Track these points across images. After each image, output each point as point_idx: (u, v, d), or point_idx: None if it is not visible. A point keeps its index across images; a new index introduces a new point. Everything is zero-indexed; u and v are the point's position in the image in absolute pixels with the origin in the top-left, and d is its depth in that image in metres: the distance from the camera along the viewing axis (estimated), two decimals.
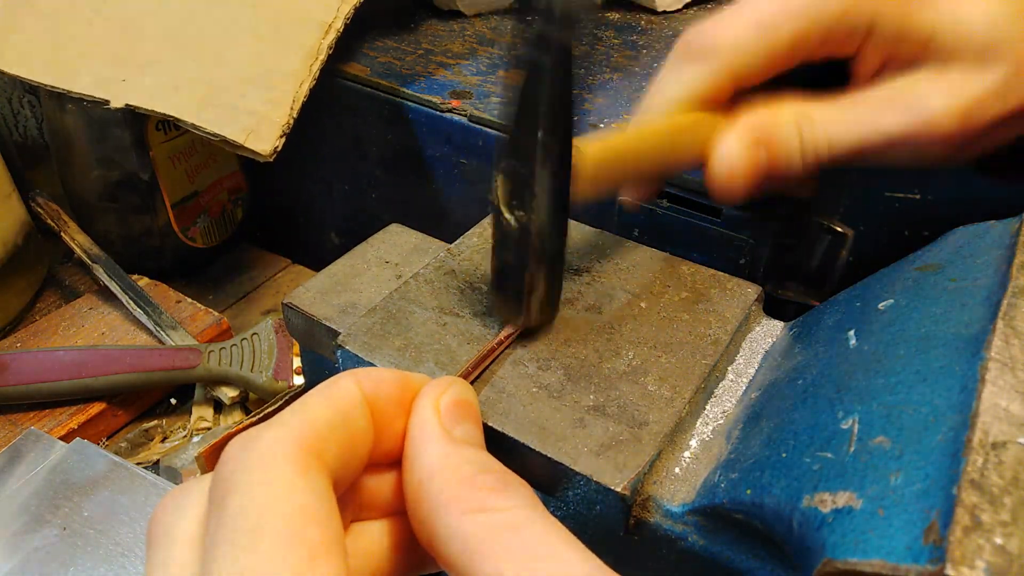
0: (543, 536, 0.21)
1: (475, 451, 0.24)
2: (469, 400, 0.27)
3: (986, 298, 0.30)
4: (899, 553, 0.22)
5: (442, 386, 0.26)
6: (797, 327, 0.40)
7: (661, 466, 0.34)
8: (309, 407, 0.23)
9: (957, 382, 0.26)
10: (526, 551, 0.21)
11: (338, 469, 0.22)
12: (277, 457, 0.20)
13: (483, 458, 0.24)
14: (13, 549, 0.46)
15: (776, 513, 0.27)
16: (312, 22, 0.63)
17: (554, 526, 0.22)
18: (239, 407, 0.64)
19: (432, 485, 0.23)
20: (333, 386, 0.24)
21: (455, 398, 0.26)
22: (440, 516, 0.22)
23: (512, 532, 0.21)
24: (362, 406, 0.24)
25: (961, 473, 0.23)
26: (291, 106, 0.59)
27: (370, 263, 0.48)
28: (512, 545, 0.21)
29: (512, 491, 0.23)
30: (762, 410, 0.34)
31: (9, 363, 0.60)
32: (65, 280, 0.78)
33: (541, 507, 0.23)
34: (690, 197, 0.49)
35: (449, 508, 0.22)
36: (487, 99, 0.60)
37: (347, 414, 0.23)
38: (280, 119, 0.58)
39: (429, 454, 0.24)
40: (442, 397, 0.26)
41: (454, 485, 0.23)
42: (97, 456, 0.51)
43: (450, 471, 0.23)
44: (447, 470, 0.23)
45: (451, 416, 0.25)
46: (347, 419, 0.23)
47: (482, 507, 0.22)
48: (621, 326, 0.40)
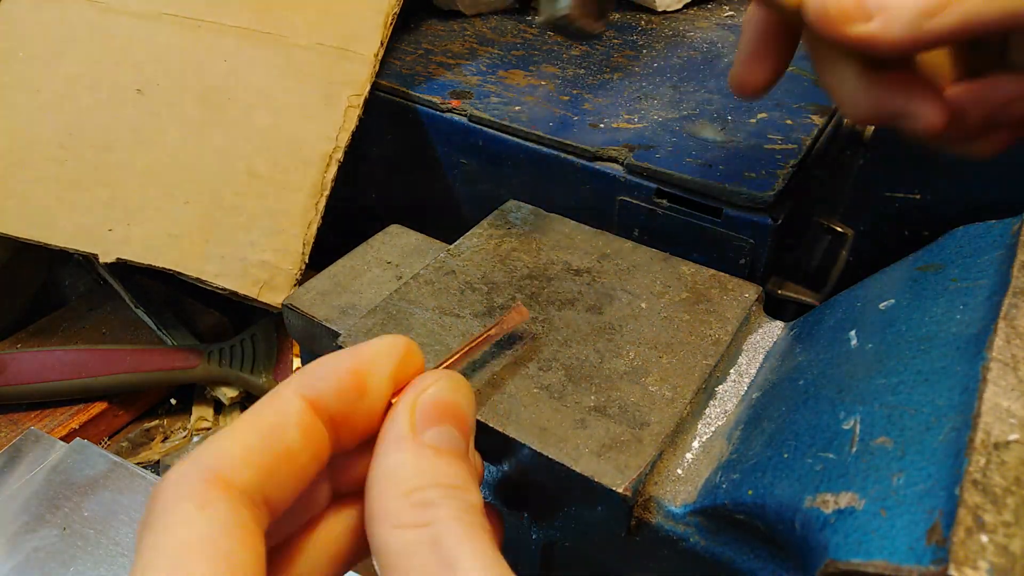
0: (459, 554, 0.21)
1: (436, 461, 0.24)
2: (450, 400, 0.26)
3: (987, 298, 0.30)
4: (902, 554, 0.22)
5: (426, 383, 0.26)
6: (798, 327, 0.40)
7: (662, 467, 0.34)
8: (231, 431, 0.23)
9: (959, 382, 0.26)
10: (438, 568, 0.21)
11: (265, 488, 0.22)
12: (179, 495, 0.21)
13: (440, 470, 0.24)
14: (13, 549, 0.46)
15: (778, 514, 0.27)
16: (312, 154, 0.59)
17: (472, 543, 0.22)
18: (239, 407, 0.64)
19: (373, 493, 0.24)
20: (269, 399, 0.24)
21: (435, 399, 0.26)
22: (372, 526, 0.23)
23: (427, 549, 0.22)
24: (299, 415, 0.24)
25: (963, 473, 0.23)
26: (302, 252, 0.56)
27: (370, 264, 0.48)
28: (423, 564, 0.21)
29: (443, 504, 0.23)
30: (763, 411, 0.34)
31: (9, 363, 0.60)
32: (65, 280, 0.77)
33: (472, 520, 0.23)
34: (690, 197, 0.49)
35: (380, 519, 0.23)
36: (487, 99, 0.60)
37: (274, 431, 0.23)
38: (292, 268, 0.55)
39: (383, 460, 0.24)
40: (421, 396, 0.26)
41: (390, 497, 0.23)
42: (97, 456, 0.51)
43: (392, 481, 0.24)
44: (390, 479, 0.24)
45: (426, 418, 0.25)
46: (273, 436, 0.23)
47: (405, 522, 0.22)
48: (622, 326, 0.40)
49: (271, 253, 0.56)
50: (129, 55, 0.61)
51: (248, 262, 0.55)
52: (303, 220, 0.57)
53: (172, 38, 0.62)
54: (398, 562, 0.22)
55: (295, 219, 0.57)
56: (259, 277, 0.55)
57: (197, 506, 0.21)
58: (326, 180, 0.59)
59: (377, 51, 0.63)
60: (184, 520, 0.21)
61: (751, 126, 0.54)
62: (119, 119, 0.59)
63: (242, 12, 0.64)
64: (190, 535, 0.20)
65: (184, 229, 0.56)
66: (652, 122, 0.56)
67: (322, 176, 0.59)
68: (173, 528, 0.20)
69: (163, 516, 0.21)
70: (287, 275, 0.55)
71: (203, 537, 0.20)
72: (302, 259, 0.56)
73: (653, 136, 0.54)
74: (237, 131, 0.60)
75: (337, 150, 0.60)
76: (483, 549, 0.22)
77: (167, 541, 0.20)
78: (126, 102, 0.60)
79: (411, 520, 0.22)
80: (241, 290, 0.54)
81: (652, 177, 0.50)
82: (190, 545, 0.20)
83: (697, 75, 0.63)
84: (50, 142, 0.58)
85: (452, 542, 0.22)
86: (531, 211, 0.50)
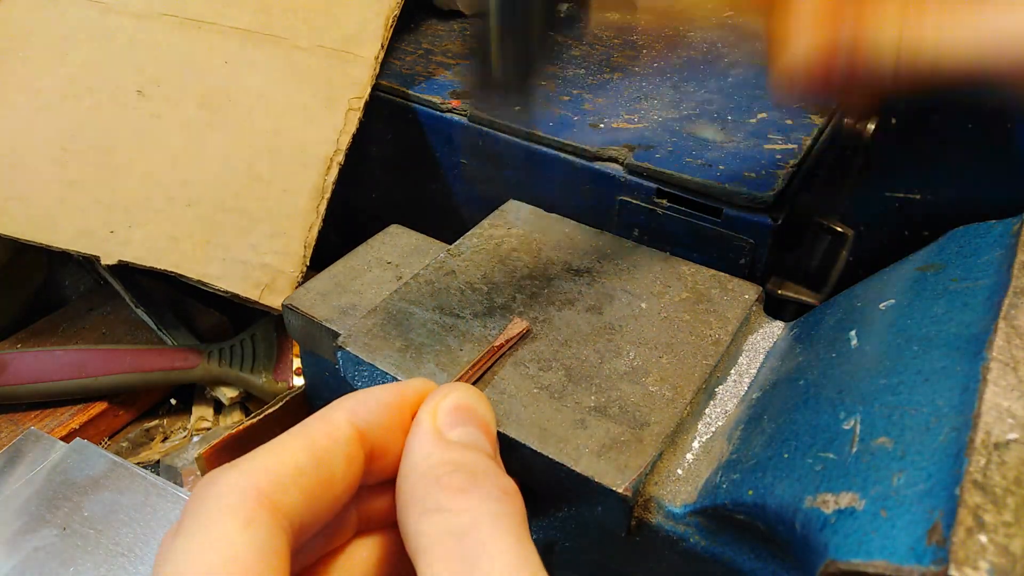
0: (488, 542, 0.21)
1: (463, 452, 0.24)
2: (471, 405, 0.26)
3: (987, 298, 0.30)
4: (902, 554, 0.22)
5: (444, 392, 0.26)
6: (798, 327, 0.40)
7: (662, 467, 0.34)
8: (283, 448, 0.23)
9: (959, 382, 0.26)
10: (465, 558, 0.21)
11: (304, 513, 0.22)
12: (223, 507, 0.21)
13: (467, 458, 0.24)
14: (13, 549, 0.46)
15: (778, 514, 0.27)
16: (312, 157, 0.59)
17: (506, 534, 0.22)
18: (239, 407, 0.64)
19: (406, 484, 0.24)
20: (320, 422, 0.24)
21: (456, 403, 0.26)
22: (406, 515, 0.23)
23: (458, 537, 0.21)
24: (347, 444, 0.24)
25: (964, 473, 0.23)
26: (303, 255, 0.56)
27: (370, 264, 0.48)
28: (454, 550, 0.21)
29: (476, 493, 0.23)
30: (763, 411, 0.34)
31: (9, 363, 0.60)
32: (65, 280, 0.77)
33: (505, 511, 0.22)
34: (690, 197, 0.49)
35: (412, 507, 0.23)
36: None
37: (324, 455, 0.23)
38: (294, 271, 0.56)
39: (414, 454, 0.24)
40: (442, 402, 0.26)
41: (423, 484, 0.23)
42: (97, 456, 0.51)
43: (424, 470, 0.23)
44: (422, 469, 0.24)
45: (449, 419, 0.25)
46: (323, 461, 0.23)
47: (439, 507, 0.22)
48: (622, 327, 0.40)
49: (272, 256, 0.56)
50: (129, 56, 0.61)
51: (250, 265, 0.55)
52: (304, 223, 0.57)
53: (172, 39, 0.62)
54: (428, 547, 0.21)
55: (296, 222, 0.57)
56: (261, 280, 0.55)
57: (242, 524, 0.20)
58: (327, 183, 0.59)
59: (378, 54, 0.63)
60: (225, 537, 0.20)
61: (751, 126, 0.54)
62: (120, 120, 0.59)
63: (243, 14, 0.64)
64: (228, 553, 0.20)
65: (186, 231, 0.56)
66: (652, 122, 0.56)
67: (323, 179, 0.59)
68: (213, 543, 0.20)
69: (205, 526, 0.20)
70: (288, 278, 0.56)
71: (239, 559, 0.20)
72: (303, 262, 0.56)
73: (653, 136, 0.54)
74: (238, 133, 0.59)
75: (338, 153, 0.60)
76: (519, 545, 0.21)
77: (204, 555, 0.20)
78: (127, 103, 0.60)
79: (440, 505, 0.22)
80: (243, 293, 0.54)
81: (652, 177, 0.50)
82: (226, 564, 0.20)
83: (697, 75, 0.63)
84: (51, 143, 0.58)
85: (486, 533, 0.21)
86: (531, 211, 0.50)
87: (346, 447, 0.24)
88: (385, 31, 0.64)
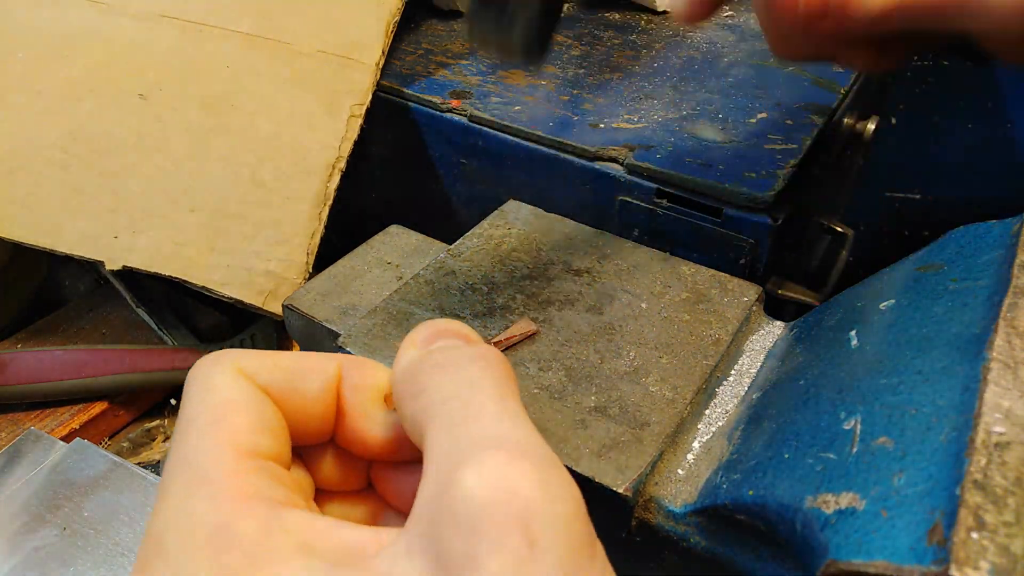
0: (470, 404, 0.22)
1: (442, 349, 0.25)
2: (449, 327, 0.27)
3: (987, 298, 0.30)
4: (903, 554, 0.22)
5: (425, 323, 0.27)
6: (798, 327, 0.40)
7: (663, 467, 0.34)
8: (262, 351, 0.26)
9: (959, 382, 0.26)
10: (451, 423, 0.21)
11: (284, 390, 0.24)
12: (215, 369, 0.24)
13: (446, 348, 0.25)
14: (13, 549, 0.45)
15: (779, 514, 0.27)
16: (314, 164, 0.59)
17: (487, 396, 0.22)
18: None
19: (396, 388, 0.24)
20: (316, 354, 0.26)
21: (435, 326, 0.26)
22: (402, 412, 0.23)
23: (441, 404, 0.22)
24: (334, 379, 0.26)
25: (964, 474, 0.23)
26: (306, 262, 0.57)
27: (370, 264, 0.48)
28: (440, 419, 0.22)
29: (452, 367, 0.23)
30: (764, 411, 0.34)
31: (9, 363, 0.60)
32: (65, 280, 0.77)
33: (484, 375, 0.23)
34: (690, 197, 0.49)
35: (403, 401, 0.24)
36: (487, 99, 0.60)
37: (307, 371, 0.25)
38: (297, 278, 0.56)
39: (399, 362, 0.25)
40: (422, 327, 0.27)
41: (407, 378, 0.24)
42: (97, 456, 0.51)
43: (406, 365, 0.24)
44: (403, 365, 0.25)
45: (427, 338, 0.26)
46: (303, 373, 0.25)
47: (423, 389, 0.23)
48: (622, 327, 0.40)
49: (275, 263, 0.56)
50: (131, 58, 0.61)
51: (253, 271, 0.56)
52: (307, 230, 0.57)
53: (174, 42, 0.62)
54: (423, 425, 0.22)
55: (299, 229, 0.57)
56: (264, 287, 0.55)
57: (232, 376, 0.24)
58: (329, 190, 0.59)
59: (379, 60, 0.63)
60: (223, 384, 0.23)
61: (751, 126, 0.54)
62: (122, 124, 0.59)
63: (244, 17, 0.64)
64: (229, 394, 0.23)
65: (189, 237, 0.56)
66: (652, 122, 0.56)
67: (325, 186, 0.59)
68: (214, 389, 0.23)
69: (205, 381, 0.24)
70: (291, 285, 0.56)
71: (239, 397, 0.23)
72: (306, 269, 0.57)
73: (653, 136, 0.54)
74: (240, 139, 0.59)
75: (339, 160, 0.60)
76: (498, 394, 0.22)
77: (209, 397, 0.23)
78: (129, 107, 0.59)
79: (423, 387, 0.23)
80: (247, 299, 0.55)
81: (652, 177, 0.50)
82: (229, 401, 0.23)
83: (697, 75, 0.63)
84: (53, 146, 0.57)
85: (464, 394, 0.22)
86: (531, 211, 0.50)
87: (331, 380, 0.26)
88: (386, 37, 0.64)
